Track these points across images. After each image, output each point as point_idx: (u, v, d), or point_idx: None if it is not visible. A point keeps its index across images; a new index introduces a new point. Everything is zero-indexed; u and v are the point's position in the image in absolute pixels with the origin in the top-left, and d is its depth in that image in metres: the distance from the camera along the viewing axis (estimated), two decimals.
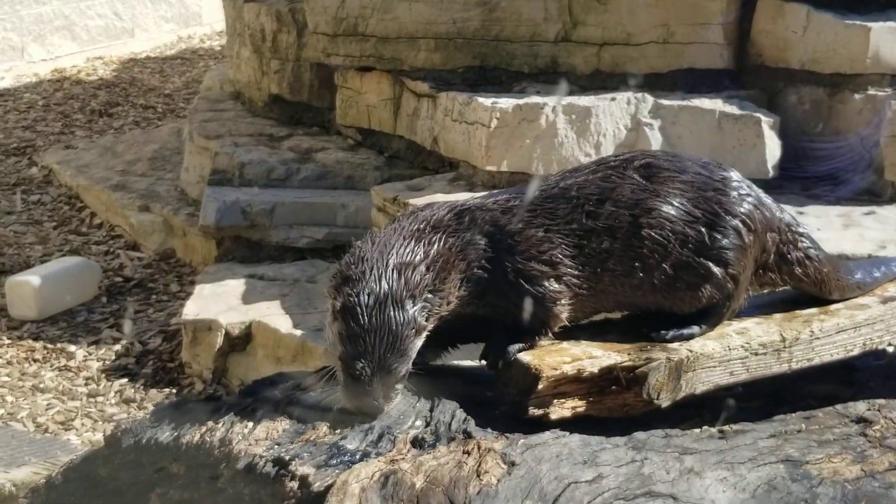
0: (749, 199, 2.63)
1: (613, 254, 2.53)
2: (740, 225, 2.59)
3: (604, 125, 5.08)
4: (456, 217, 2.52)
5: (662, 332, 2.58)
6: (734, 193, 2.61)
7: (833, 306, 2.79)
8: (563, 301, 2.52)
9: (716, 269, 2.58)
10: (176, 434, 2.23)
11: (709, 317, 2.63)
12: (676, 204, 2.55)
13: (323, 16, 5.81)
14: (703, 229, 2.56)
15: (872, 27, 5.04)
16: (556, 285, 2.51)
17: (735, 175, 2.65)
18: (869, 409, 2.78)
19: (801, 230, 2.76)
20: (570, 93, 5.30)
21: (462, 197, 4.93)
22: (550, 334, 2.55)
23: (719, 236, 2.57)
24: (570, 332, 2.60)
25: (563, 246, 2.52)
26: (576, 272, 2.53)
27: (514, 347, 2.50)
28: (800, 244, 2.74)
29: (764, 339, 2.64)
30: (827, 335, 2.71)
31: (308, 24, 5.98)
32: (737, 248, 2.59)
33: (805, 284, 2.77)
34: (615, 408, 2.51)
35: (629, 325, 2.68)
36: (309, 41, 6.15)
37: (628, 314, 2.71)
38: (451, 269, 2.43)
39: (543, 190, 2.58)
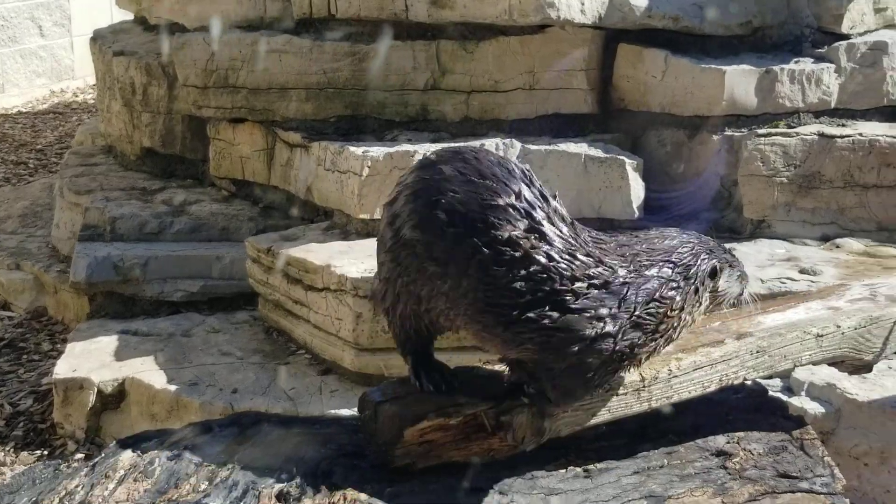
0: None
1: None
2: None
3: None
4: None
5: None
6: None
7: (690, 344, 2.88)
8: None
9: None
10: (34, 500, 2.20)
11: None
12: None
13: (193, 68, 5.79)
14: None
15: (727, 70, 5.23)
16: None
17: None
18: (728, 443, 2.88)
19: None
20: (441, 139, 5.38)
21: (336, 246, 5.01)
22: None
23: None
24: None
25: None
26: None
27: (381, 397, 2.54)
28: None
29: (624, 380, 2.71)
30: (684, 373, 2.80)
31: (178, 77, 5.96)
32: None
33: None
34: (481, 453, 2.55)
35: (492, 372, 2.73)
36: (180, 94, 6.11)
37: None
38: None
39: None
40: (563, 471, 2.66)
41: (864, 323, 3.03)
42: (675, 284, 2.50)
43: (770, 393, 3.25)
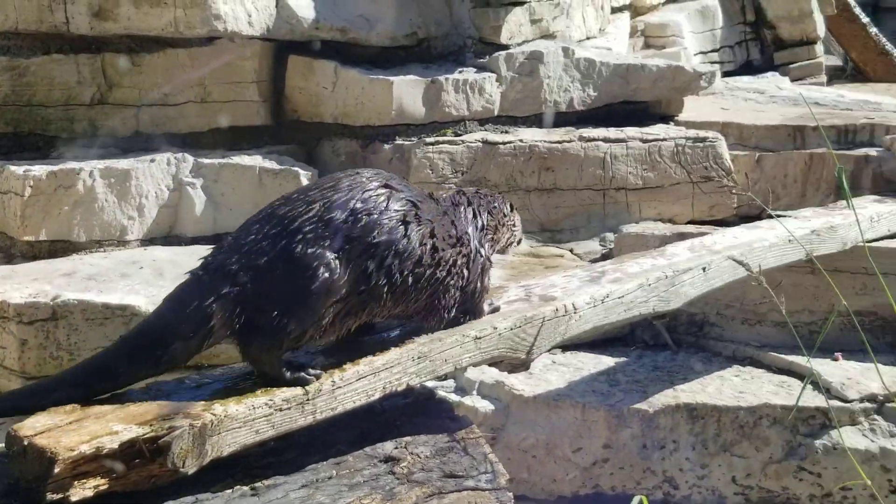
0: None
1: None
2: None
3: (145, 187, 5.04)
4: None
5: None
6: None
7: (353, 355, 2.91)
8: None
9: None
10: None
11: None
12: None
13: None
14: None
15: (394, 81, 5.36)
16: None
17: None
18: (396, 448, 2.94)
19: None
20: (111, 155, 5.22)
21: None
22: None
23: None
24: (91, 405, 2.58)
25: None
26: None
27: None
28: None
29: (287, 395, 2.71)
30: (348, 383, 2.83)
31: None
32: None
33: None
34: (141, 480, 2.49)
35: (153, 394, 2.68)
36: None
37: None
38: None
39: None
40: (230, 491, 2.64)
41: (518, 323, 3.17)
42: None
43: (438, 395, 3.35)
